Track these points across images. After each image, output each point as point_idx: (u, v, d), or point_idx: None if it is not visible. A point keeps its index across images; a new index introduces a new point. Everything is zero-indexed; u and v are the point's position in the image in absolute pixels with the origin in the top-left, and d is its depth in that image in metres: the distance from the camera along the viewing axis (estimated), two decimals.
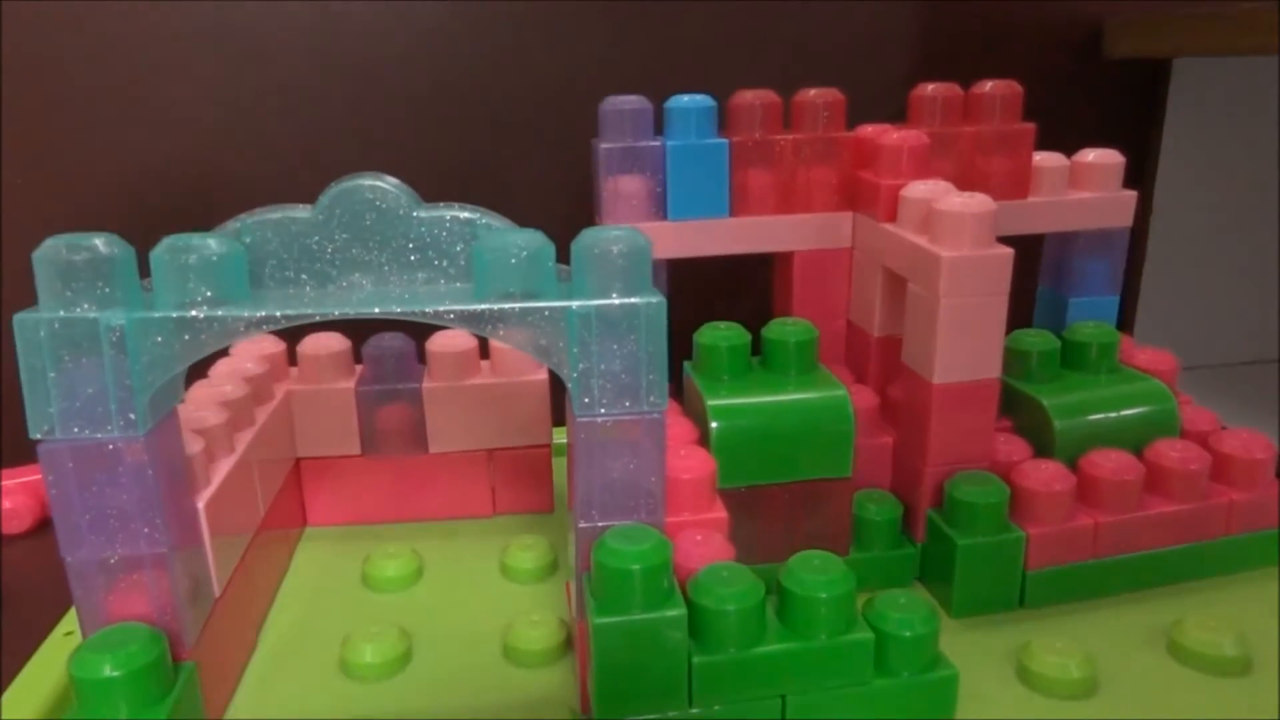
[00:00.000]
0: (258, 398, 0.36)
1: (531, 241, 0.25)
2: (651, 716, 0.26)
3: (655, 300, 0.25)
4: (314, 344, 0.39)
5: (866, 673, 0.27)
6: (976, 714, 0.28)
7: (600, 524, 0.27)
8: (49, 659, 0.31)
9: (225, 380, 0.35)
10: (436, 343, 0.39)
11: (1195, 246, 0.63)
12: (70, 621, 0.33)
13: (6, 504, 0.44)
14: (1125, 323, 0.62)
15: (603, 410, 0.26)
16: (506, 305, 0.25)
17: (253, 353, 0.38)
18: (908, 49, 0.58)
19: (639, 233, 0.26)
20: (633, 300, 0.25)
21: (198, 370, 0.27)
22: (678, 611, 0.25)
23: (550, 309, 0.25)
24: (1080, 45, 0.63)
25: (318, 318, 0.25)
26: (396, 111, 0.53)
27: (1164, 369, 0.38)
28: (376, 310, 0.25)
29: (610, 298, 0.25)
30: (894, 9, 0.57)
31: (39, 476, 0.46)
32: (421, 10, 0.51)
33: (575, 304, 0.25)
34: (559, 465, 0.42)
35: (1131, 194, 0.41)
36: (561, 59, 0.53)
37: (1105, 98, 0.63)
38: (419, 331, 0.40)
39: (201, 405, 0.32)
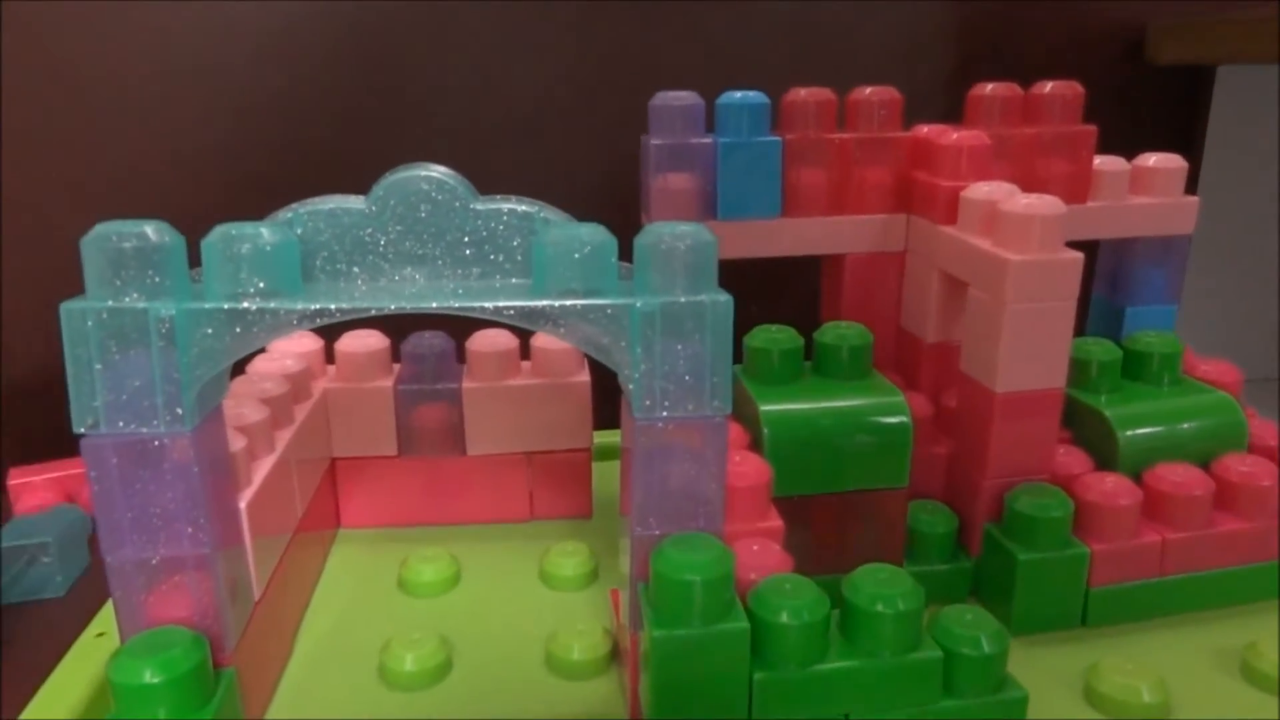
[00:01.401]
0: (296, 395, 0.35)
1: (594, 236, 0.24)
2: None
3: (723, 299, 0.24)
4: (352, 341, 0.38)
5: (934, 693, 0.26)
6: None
7: (657, 532, 0.26)
8: (81, 660, 0.30)
9: (264, 377, 0.34)
10: (477, 342, 0.39)
11: (1238, 255, 0.62)
12: (102, 622, 0.33)
13: (35, 500, 0.43)
14: None
15: (664, 413, 0.25)
16: (568, 302, 0.24)
17: (291, 349, 0.37)
18: (949, 51, 0.57)
19: (705, 228, 0.25)
20: (699, 298, 0.24)
21: (236, 366, 0.27)
22: (741, 625, 0.24)
23: (613, 307, 0.24)
24: (1124, 50, 0.62)
25: (373, 312, 0.24)
26: (437, 104, 0.52)
27: (1228, 381, 0.37)
28: (434, 305, 0.24)
29: (675, 295, 0.24)
30: (936, 10, 0.56)
31: (63, 472, 0.46)
32: (458, 14, 0.51)
33: (639, 302, 0.24)
34: (599, 470, 0.41)
35: (1194, 200, 0.39)
36: (614, 54, 0.52)
37: (1148, 103, 0.62)
38: (459, 330, 0.39)
39: (242, 402, 0.31)
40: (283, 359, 0.36)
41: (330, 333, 0.33)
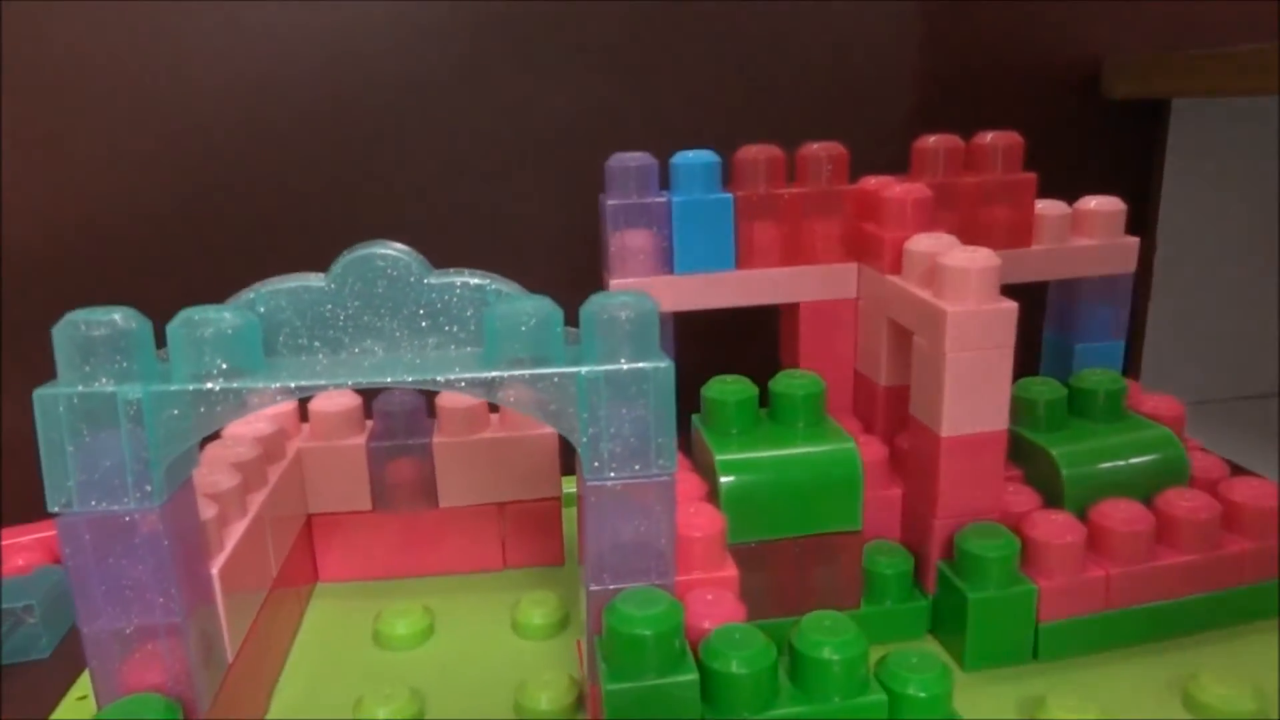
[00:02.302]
0: (270, 456, 0.36)
1: (540, 308, 0.26)
2: None
3: (664, 365, 0.26)
4: (325, 401, 0.39)
5: None
6: None
7: (611, 586, 0.27)
8: None
9: (237, 441, 0.35)
10: (446, 398, 0.40)
11: (1198, 284, 0.63)
12: (84, 685, 0.33)
13: (19, 560, 0.44)
14: (1132, 362, 0.63)
15: (612, 474, 0.26)
16: (516, 372, 0.25)
17: (265, 411, 0.38)
18: (906, 91, 0.59)
19: (647, 296, 0.26)
20: (641, 365, 0.25)
21: None
22: (690, 677, 0.25)
23: (559, 374, 0.25)
24: (1079, 85, 0.64)
25: (331, 388, 0.25)
26: (403, 163, 0.54)
27: (1171, 416, 0.39)
28: (389, 380, 0.25)
29: (619, 362, 0.25)
30: (892, 49, 0.58)
31: (49, 533, 0.47)
32: (430, 61, 0.52)
33: (584, 369, 0.25)
34: (569, 516, 0.42)
35: (1133, 240, 0.41)
36: (567, 112, 0.54)
37: (1105, 138, 0.64)
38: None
39: (215, 468, 0.32)
40: (255, 421, 0.37)
41: None
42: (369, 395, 0.40)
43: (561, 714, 0.31)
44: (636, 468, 0.26)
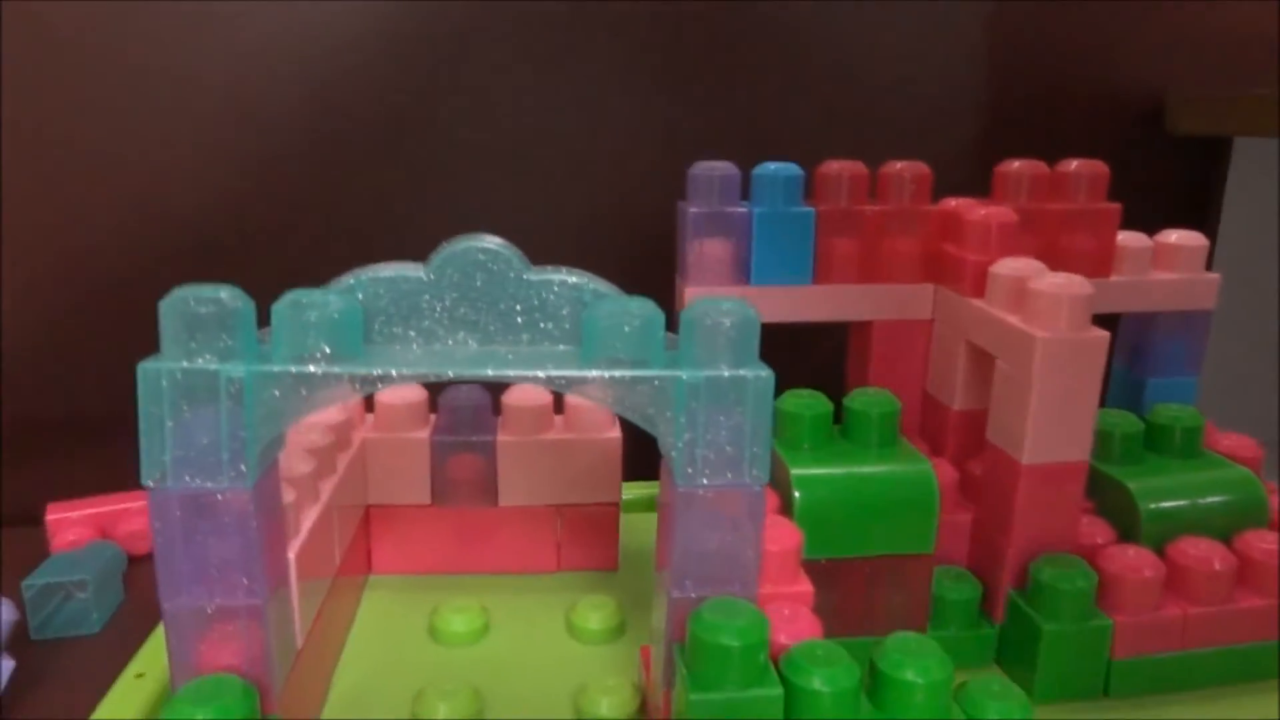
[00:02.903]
0: (339, 445, 0.36)
1: (644, 310, 0.25)
2: None
3: (764, 374, 0.25)
4: (391, 393, 0.39)
5: None
6: None
7: (693, 595, 0.27)
8: (122, 701, 0.31)
9: (310, 428, 0.35)
10: (513, 397, 0.40)
11: (1254, 326, 0.63)
12: (142, 663, 0.33)
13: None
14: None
15: (705, 481, 0.26)
16: (617, 373, 0.25)
17: None
18: (972, 122, 0.59)
19: (748, 304, 0.26)
20: (742, 373, 0.25)
21: None
22: (775, 692, 0.25)
23: (659, 378, 0.25)
24: (1142, 119, 0.63)
25: (432, 377, 0.25)
26: (475, 167, 0.54)
27: (1249, 456, 0.38)
28: (490, 372, 0.25)
29: (719, 369, 0.25)
30: (960, 83, 0.58)
31: (99, 509, 0.47)
32: (506, 70, 0.53)
33: (686, 374, 0.25)
34: (626, 523, 0.42)
35: (1215, 277, 0.40)
36: (651, 124, 0.54)
37: (1165, 173, 0.64)
38: (495, 385, 0.40)
39: (290, 453, 0.32)
40: (327, 409, 0.37)
41: None
42: (435, 389, 0.40)
43: None
44: (729, 476, 0.26)
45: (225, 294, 0.24)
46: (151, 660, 0.33)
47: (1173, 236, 0.40)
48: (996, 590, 0.34)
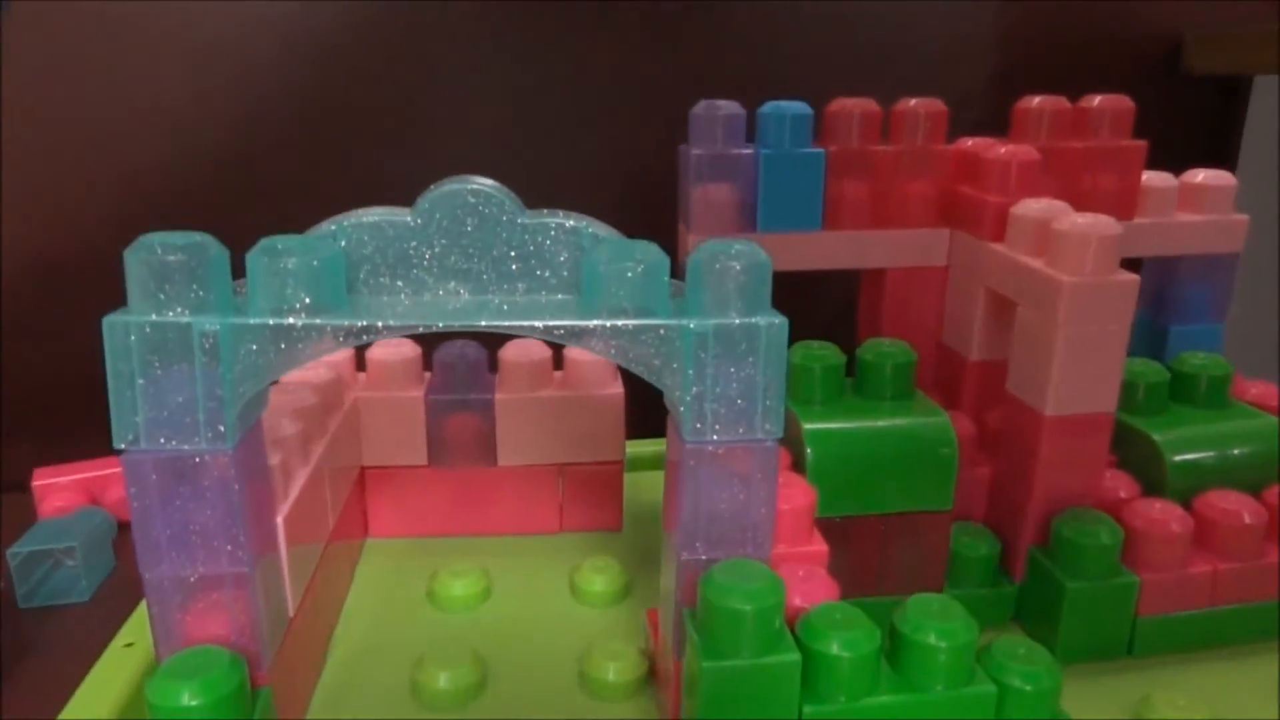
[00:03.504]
0: (328, 405, 0.34)
1: (648, 254, 0.24)
2: None
3: (778, 322, 0.24)
4: (384, 350, 0.38)
5: None
6: None
7: (704, 557, 0.25)
8: (111, 671, 0.30)
9: (297, 387, 0.33)
10: (510, 352, 0.38)
11: (1272, 269, 0.61)
12: (131, 632, 0.32)
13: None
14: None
15: (715, 436, 0.24)
16: (620, 322, 0.23)
17: (322, 358, 0.36)
18: (985, 60, 0.57)
19: (759, 248, 0.24)
20: (754, 320, 0.23)
21: None
22: (793, 657, 0.24)
23: (665, 327, 0.23)
24: (1159, 59, 0.61)
25: (421, 329, 0.23)
26: (465, 107, 0.51)
27: (1276, 406, 0.36)
28: (484, 323, 0.23)
29: (729, 317, 0.23)
30: (974, 18, 0.56)
31: (87, 474, 0.45)
32: (498, 6, 0.50)
33: (693, 322, 0.23)
34: (630, 481, 0.40)
35: (1243, 218, 0.39)
36: (651, 60, 0.51)
37: (1181, 113, 0.61)
38: (490, 340, 0.39)
39: (276, 414, 0.30)
40: (315, 368, 0.35)
41: None
42: (428, 346, 0.39)
43: (630, 686, 0.30)
44: (740, 431, 0.24)
45: (196, 241, 0.22)
46: (141, 629, 0.32)
47: (1199, 176, 0.39)
48: (1016, 547, 0.33)
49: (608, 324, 0.23)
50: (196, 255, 0.22)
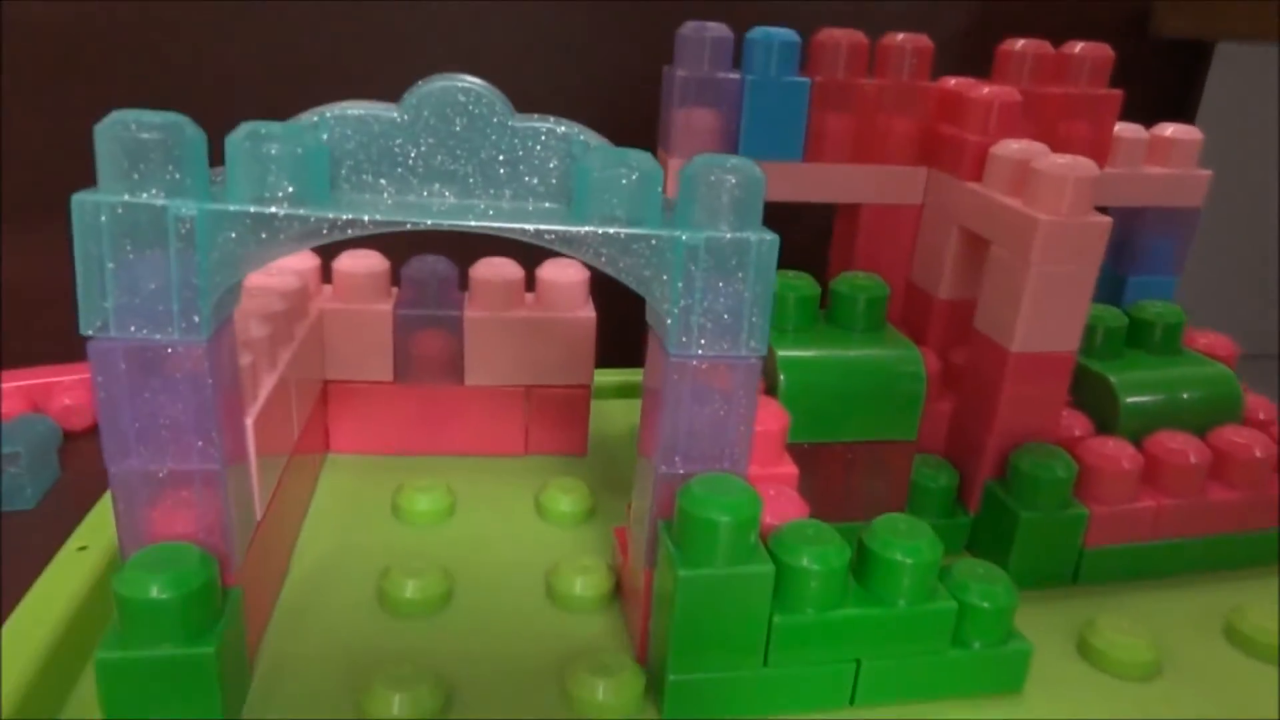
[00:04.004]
0: (295, 313, 0.33)
1: (642, 163, 0.23)
2: (726, 673, 0.25)
3: (769, 238, 0.24)
4: (351, 261, 0.37)
5: (943, 643, 0.26)
6: (1040, 688, 0.28)
7: (681, 471, 0.25)
8: (64, 573, 0.29)
9: (263, 292, 0.32)
10: (481, 270, 0.37)
11: (1225, 231, 0.63)
12: (83, 536, 0.31)
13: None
14: None
15: (700, 350, 0.24)
16: (612, 230, 0.23)
17: (288, 265, 0.35)
18: (955, 13, 0.57)
19: (753, 164, 0.24)
20: (745, 235, 0.23)
21: None
22: (766, 568, 0.24)
23: (657, 237, 0.23)
24: (1130, 19, 0.62)
25: (408, 226, 0.22)
26: (441, 21, 0.50)
27: (1225, 354, 0.38)
28: (472, 223, 0.23)
29: (721, 231, 0.23)
30: None
31: (29, 381, 0.44)
32: None
33: (685, 234, 0.23)
34: (596, 409, 0.40)
35: (1206, 174, 0.40)
36: None
37: (1146, 73, 0.62)
38: (461, 257, 0.38)
39: (245, 316, 0.30)
40: (282, 275, 0.34)
41: (327, 251, 0.32)
42: (397, 260, 0.38)
43: (596, 600, 0.30)
44: (725, 346, 0.24)
45: (173, 120, 0.21)
46: (95, 533, 0.31)
47: (1169, 130, 0.39)
48: (973, 480, 0.34)
49: (599, 231, 0.23)
50: (173, 135, 0.21)
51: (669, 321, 0.24)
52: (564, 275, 0.38)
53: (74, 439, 0.42)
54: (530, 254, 0.29)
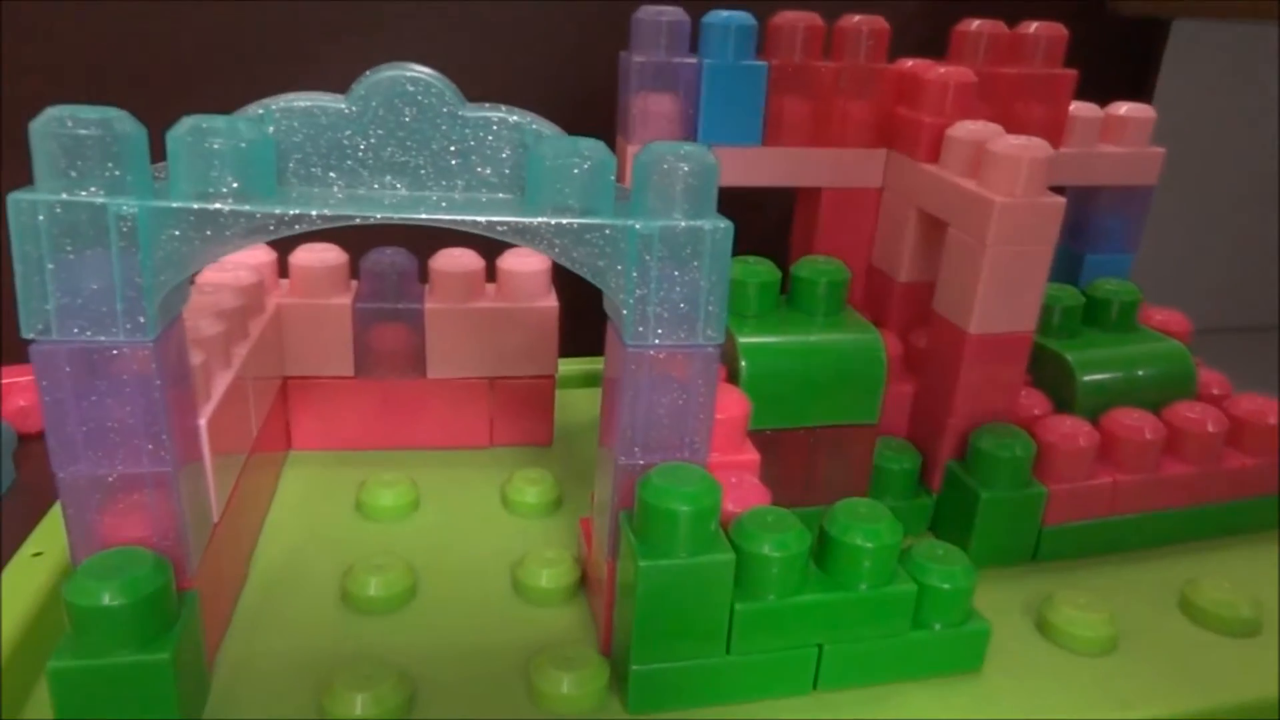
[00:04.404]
0: (250, 309, 0.33)
1: (595, 152, 0.23)
2: (689, 662, 0.25)
3: (724, 226, 0.23)
4: (308, 255, 0.36)
5: (904, 625, 0.26)
6: (1000, 666, 0.28)
7: (642, 461, 0.25)
8: (18, 579, 0.29)
9: (217, 288, 0.32)
10: (441, 261, 0.37)
11: (1179, 208, 0.64)
12: (39, 542, 0.31)
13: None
14: None
15: (657, 340, 0.24)
16: (565, 220, 0.23)
17: (243, 260, 0.35)
18: None
19: (707, 151, 0.24)
20: (699, 224, 0.23)
21: None
22: (727, 557, 0.24)
23: (611, 227, 0.23)
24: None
25: (357, 220, 0.22)
26: (396, 6, 0.49)
27: (1178, 331, 0.38)
28: (423, 215, 0.22)
29: (674, 219, 0.23)
30: None
31: None
32: None
33: (639, 224, 0.23)
34: (560, 399, 0.40)
35: (1159, 151, 0.40)
36: None
37: (1103, 51, 0.63)
38: (420, 249, 0.38)
39: (197, 314, 0.29)
40: (235, 270, 0.34)
41: (283, 245, 0.31)
42: (355, 253, 0.37)
43: (562, 592, 0.30)
44: (682, 335, 0.24)
45: (113, 115, 0.20)
46: (50, 538, 0.30)
47: (1123, 109, 0.40)
48: (935, 461, 0.34)
49: (552, 222, 0.23)
50: (111, 131, 0.20)
51: (625, 312, 0.24)
52: (525, 265, 0.37)
53: (30, 441, 0.41)
54: (491, 244, 0.29)
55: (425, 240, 0.32)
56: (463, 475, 0.37)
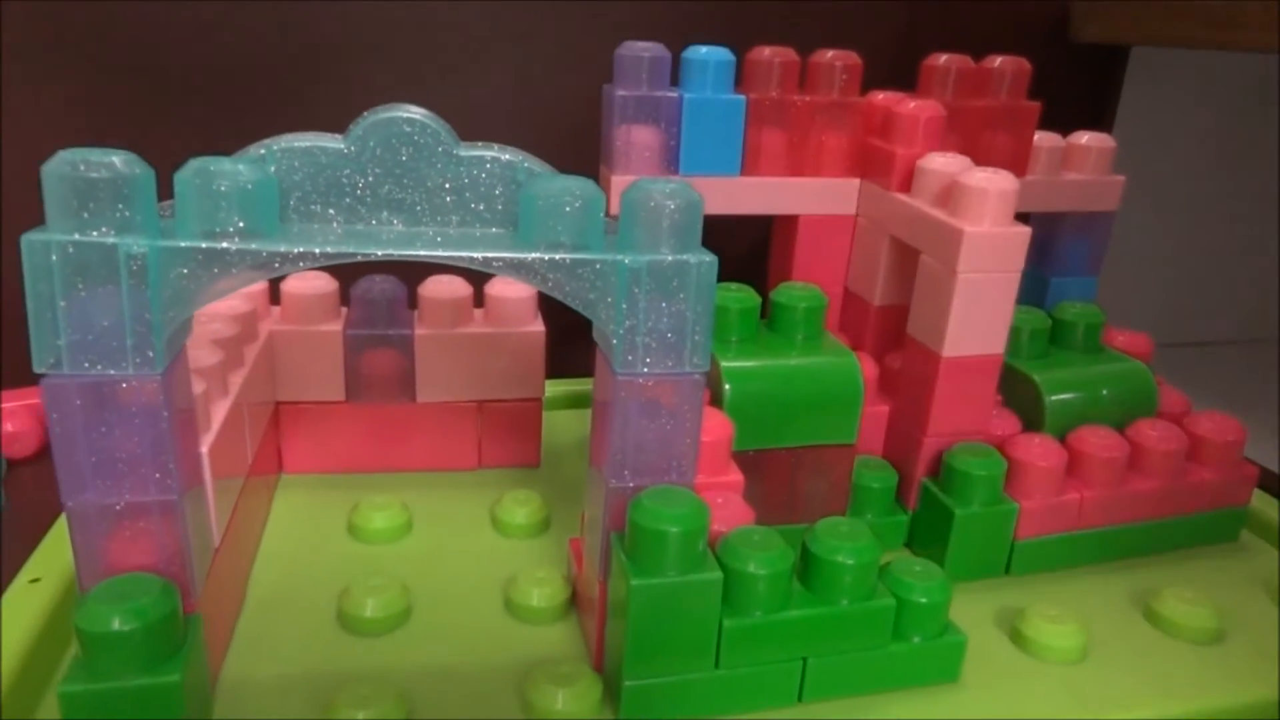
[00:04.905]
0: (245, 337, 0.34)
1: (585, 190, 0.24)
2: (679, 677, 0.26)
3: (708, 259, 0.25)
4: (299, 282, 0.37)
5: (884, 637, 0.28)
6: (976, 677, 0.29)
7: (631, 484, 0.26)
8: (18, 606, 0.29)
9: (212, 318, 0.33)
10: (430, 288, 0.38)
11: (1141, 231, 0.66)
12: (36, 567, 0.31)
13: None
14: None
15: (645, 369, 0.25)
16: (558, 256, 0.24)
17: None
18: (896, 18, 0.58)
19: (691, 188, 0.25)
20: (685, 258, 0.24)
21: None
22: (715, 576, 0.25)
23: (602, 262, 0.24)
24: (1047, 27, 0.64)
25: (359, 257, 0.23)
26: (384, 39, 0.50)
27: (1141, 351, 0.40)
28: (421, 252, 0.23)
29: (662, 254, 0.24)
30: None
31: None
32: None
33: (627, 258, 0.24)
34: (548, 420, 0.41)
35: (1119, 179, 0.42)
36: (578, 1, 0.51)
37: (1065, 79, 0.65)
38: (409, 276, 0.39)
39: (195, 343, 0.30)
40: (231, 299, 0.34)
41: None
42: (345, 280, 0.38)
43: (553, 610, 0.31)
44: (670, 364, 0.25)
45: (121, 159, 0.21)
46: (47, 564, 0.31)
47: (1084, 138, 0.41)
48: (911, 479, 0.36)
49: (545, 257, 0.24)
50: (121, 173, 0.21)
51: (614, 341, 0.25)
52: (512, 291, 0.38)
53: (19, 467, 0.41)
54: (479, 272, 0.30)
55: (414, 268, 0.33)
56: (453, 497, 0.38)
